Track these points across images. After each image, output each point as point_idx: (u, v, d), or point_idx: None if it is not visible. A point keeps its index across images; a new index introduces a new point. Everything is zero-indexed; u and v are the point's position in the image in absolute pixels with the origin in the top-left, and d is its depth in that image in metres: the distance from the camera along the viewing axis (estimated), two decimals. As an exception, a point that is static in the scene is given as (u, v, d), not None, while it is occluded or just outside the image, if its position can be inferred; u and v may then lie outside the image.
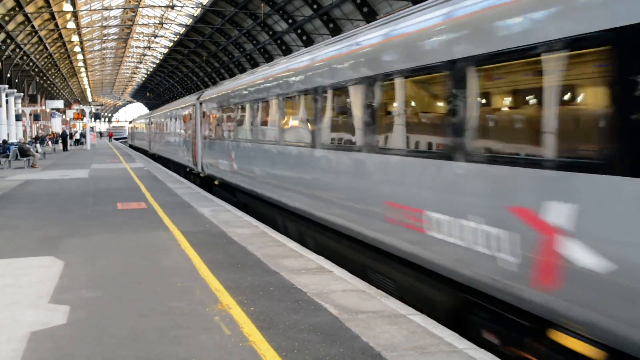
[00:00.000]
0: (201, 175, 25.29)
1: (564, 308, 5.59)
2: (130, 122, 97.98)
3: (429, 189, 7.71)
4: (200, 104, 25.10)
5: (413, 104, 8.70)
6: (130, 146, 79.77)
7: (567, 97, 5.79)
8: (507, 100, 6.87)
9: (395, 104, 8.80)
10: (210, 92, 24.05)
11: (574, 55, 5.50)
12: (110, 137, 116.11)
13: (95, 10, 69.48)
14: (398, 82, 8.62)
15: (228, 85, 20.84)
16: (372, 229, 9.32)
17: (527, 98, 6.42)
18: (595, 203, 5.18)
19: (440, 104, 7.61)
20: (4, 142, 42.61)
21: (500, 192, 6.36)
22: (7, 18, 47.59)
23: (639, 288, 4.87)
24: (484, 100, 6.85)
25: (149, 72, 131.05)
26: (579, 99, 5.80)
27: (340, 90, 10.69)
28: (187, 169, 28.92)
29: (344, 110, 10.73)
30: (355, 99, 9.94)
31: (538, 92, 5.92)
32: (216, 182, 22.57)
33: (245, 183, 17.29)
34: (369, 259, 9.97)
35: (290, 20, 54.46)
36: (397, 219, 8.43)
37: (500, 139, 6.65)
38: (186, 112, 29.02)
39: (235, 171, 18.40)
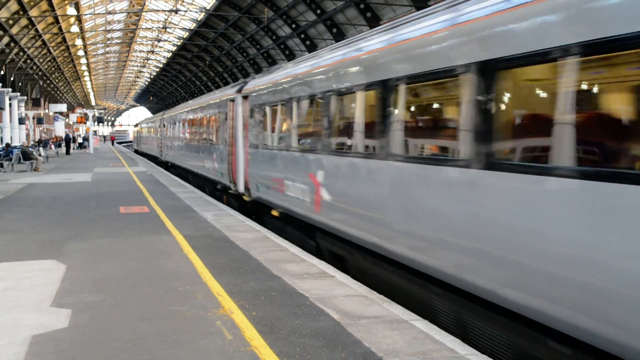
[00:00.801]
0: (245, 198, 18.15)
1: None
2: (135, 126, 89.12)
3: None
4: (245, 98, 18.20)
5: None
6: (136, 152, 72.25)
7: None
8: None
9: None
10: (264, 81, 16.74)
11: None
12: (112, 141, 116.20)
13: (99, 14, 69.61)
14: None
15: (299, 68, 13.71)
16: None
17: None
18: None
19: None
20: (7, 145, 42.70)
21: None
22: (11, 22, 47.69)
23: None
24: None
25: (152, 76, 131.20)
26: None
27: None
28: (219, 186, 22.30)
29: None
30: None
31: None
32: (275, 213, 15.19)
33: (346, 223, 10.47)
34: None
35: (293, 25, 54.54)
36: None
37: None
38: (217, 111, 22.30)
39: (325, 202, 11.37)
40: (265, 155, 15.62)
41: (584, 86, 5.64)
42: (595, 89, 5.73)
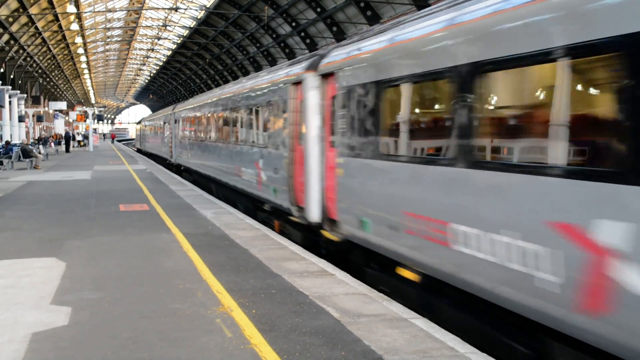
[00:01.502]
0: (326, 233, 12.05)
1: None
2: (138, 122, 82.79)
3: None
4: (326, 76, 11.96)
5: None
6: (139, 151, 66.96)
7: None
8: None
9: None
10: (375, 44, 10.06)
11: None
12: (112, 139, 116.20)
13: (99, 12, 69.58)
14: None
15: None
16: None
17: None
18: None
19: None
20: (7, 143, 42.67)
21: None
22: (11, 19, 47.65)
23: None
24: None
25: (152, 74, 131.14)
26: None
27: None
28: (266, 207, 16.20)
29: None
30: None
31: None
32: (408, 275, 9.06)
33: None
34: None
35: (293, 24, 54.49)
36: None
37: None
38: (266, 100, 16.02)
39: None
40: (384, 171, 9.29)
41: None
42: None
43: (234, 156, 19.55)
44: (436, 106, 8.42)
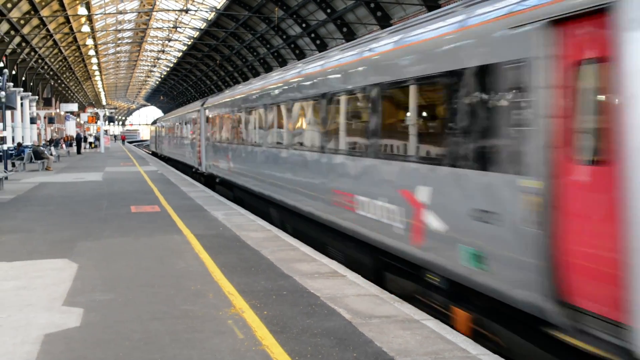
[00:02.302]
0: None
1: None
2: (153, 123, 72.17)
3: None
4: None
5: None
6: (154, 154, 62.19)
7: None
8: None
9: None
10: None
11: None
12: (123, 140, 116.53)
13: (109, 14, 69.79)
14: None
15: None
16: None
17: None
18: None
19: None
20: (19, 144, 42.86)
21: None
22: (22, 22, 47.85)
23: None
24: None
25: (162, 76, 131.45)
26: None
27: None
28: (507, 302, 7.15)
29: None
30: None
31: None
32: None
33: None
34: None
35: (303, 25, 54.49)
36: None
37: None
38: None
39: None
40: None
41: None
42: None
43: (335, 172, 11.86)
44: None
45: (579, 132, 5.96)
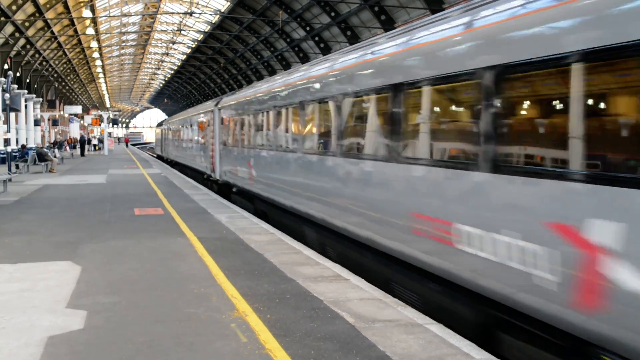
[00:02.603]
0: None
1: None
2: (159, 125, 67.31)
3: None
4: None
5: None
6: (160, 158, 59.32)
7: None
8: None
9: None
10: None
11: None
12: (127, 143, 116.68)
13: (114, 16, 69.92)
14: None
15: None
16: None
17: None
18: None
19: None
20: (23, 146, 42.93)
21: None
22: (27, 24, 47.97)
23: None
24: None
25: (166, 79, 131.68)
26: None
27: None
28: None
29: None
30: None
31: None
32: None
33: None
34: None
35: (308, 28, 54.57)
36: None
37: None
38: None
39: None
40: None
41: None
42: None
43: (418, 189, 9.00)
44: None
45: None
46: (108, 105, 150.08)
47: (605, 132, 5.90)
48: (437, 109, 8.67)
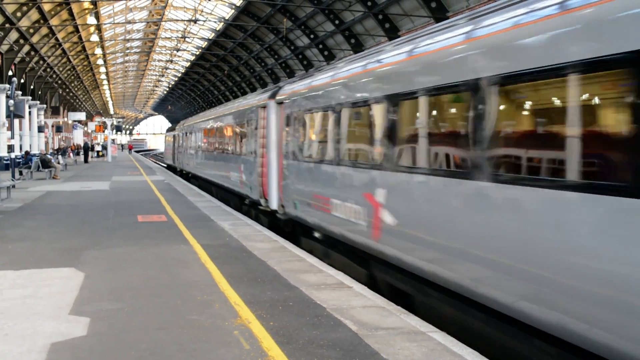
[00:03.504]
0: None
1: None
2: (170, 130, 57.37)
3: None
4: None
5: None
6: (170, 168, 51.95)
7: None
8: None
9: None
10: None
11: None
12: (130, 150, 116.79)
13: (118, 23, 70.07)
14: None
15: None
16: None
17: None
18: None
19: None
20: (26, 153, 43.00)
21: None
22: (31, 30, 48.11)
23: None
24: None
25: (170, 86, 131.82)
26: None
27: None
28: None
29: None
30: None
31: None
32: None
33: None
34: None
35: (312, 36, 54.64)
36: None
37: None
38: None
39: None
40: None
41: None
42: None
43: None
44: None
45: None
46: (112, 112, 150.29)
47: None
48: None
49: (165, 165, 59.09)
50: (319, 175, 13.01)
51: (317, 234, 13.64)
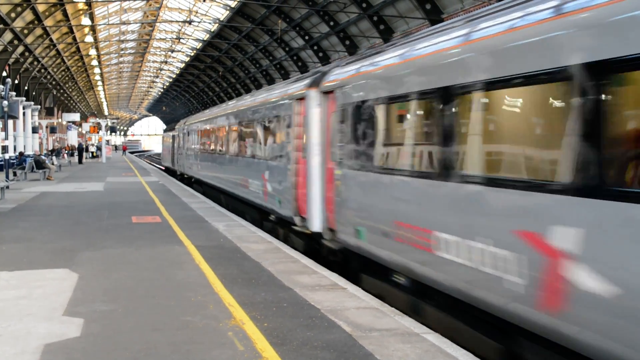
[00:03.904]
0: None
1: None
2: (168, 130, 53.48)
3: None
4: None
5: None
6: (169, 172, 47.77)
7: None
8: None
9: None
10: None
11: None
12: (124, 151, 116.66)
13: (113, 24, 69.99)
14: None
15: None
16: None
17: None
18: None
19: None
20: (21, 154, 42.93)
21: None
22: (26, 31, 48.00)
23: None
24: None
25: (165, 87, 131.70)
26: None
27: None
28: None
29: None
30: None
31: None
32: None
33: None
34: None
35: (306, 37, 54.66)
36: None
37: None
38: None
39: None
40: None
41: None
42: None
43: None
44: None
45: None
46: (106, 112, 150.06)
47: None
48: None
49: (162, 168, 55.63)
50: (411, 195, 8.96)
51: (398, 277, 9.64)
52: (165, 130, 55.77)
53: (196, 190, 28.64)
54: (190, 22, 56.87)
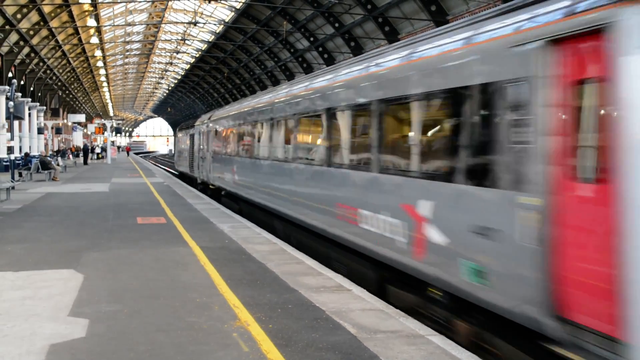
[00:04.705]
0: None
1: None
2: (182, 129, 43.97)
3: None
4: None
5: None
6: (183, 177, 41.14)
7: None
8: None
9: None
10: None
11: None
12: (128, 152, 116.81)
13: (118, 25, 70.08)
14: None
15: None
16: None
17: None
18: None
19: None
20: (26, 154, 43.00)
21: None
22: (31, 32, 48.08)
23: None
24: None
25: (170, 88, 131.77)
26: None
27: None
28: None
29: None
30: None
31: None
32: None
33: None
34: None
35: (311, 38, 54.64)
36: None
37: None
38: None
39: None
40: None
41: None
42: None
43: None
44: None
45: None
46: (111, 114, 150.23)
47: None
48: None
49: (177, 173, 46.77)
50: None
51: None
52: (180, 129, 45.54)
53: (228, 208, 21.90)
54: (195, 24, 56.95)
